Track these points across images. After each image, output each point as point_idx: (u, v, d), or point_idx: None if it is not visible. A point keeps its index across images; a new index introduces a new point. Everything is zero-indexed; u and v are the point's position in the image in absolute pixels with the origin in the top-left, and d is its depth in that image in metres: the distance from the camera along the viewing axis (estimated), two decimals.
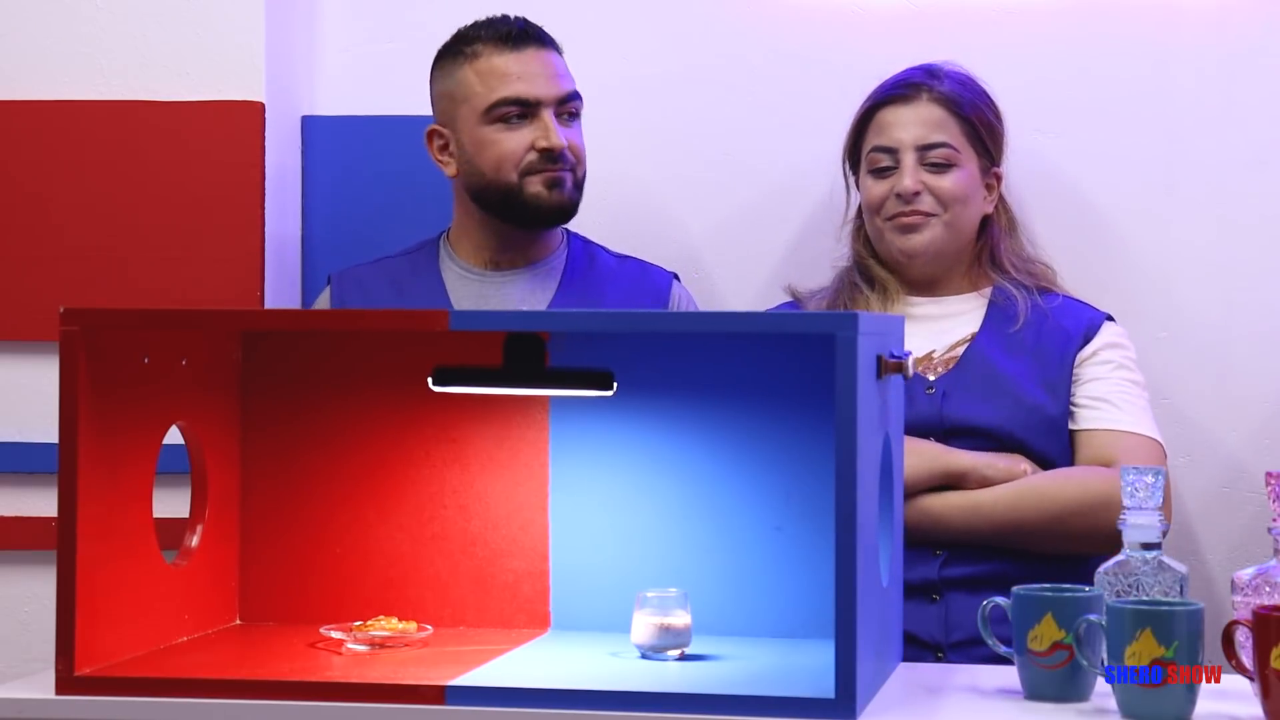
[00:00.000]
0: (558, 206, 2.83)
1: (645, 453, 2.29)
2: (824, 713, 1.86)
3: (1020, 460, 2.68)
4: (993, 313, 2.80)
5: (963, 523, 2.64)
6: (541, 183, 2.81)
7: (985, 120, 2.81)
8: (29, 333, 2.99)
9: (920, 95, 2.78)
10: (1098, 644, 1.97)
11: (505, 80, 2.81)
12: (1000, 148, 2.84)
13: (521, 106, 2.81)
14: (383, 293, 2.87)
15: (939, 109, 2.78)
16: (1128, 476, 2.06)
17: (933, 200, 2.77)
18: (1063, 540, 2.61)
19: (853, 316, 1.90)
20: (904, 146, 2.77)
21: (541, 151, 2.80)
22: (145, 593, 2.13)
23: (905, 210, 2.77)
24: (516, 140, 2.80)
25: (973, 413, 2.70)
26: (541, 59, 2.83)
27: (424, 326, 2.13)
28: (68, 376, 1.99)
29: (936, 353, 2.77)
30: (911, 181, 2.76)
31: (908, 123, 2.78)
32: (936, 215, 2.77)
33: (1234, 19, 3.05)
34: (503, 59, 2.81)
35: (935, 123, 2.78)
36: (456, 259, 2.90)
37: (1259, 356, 3.04)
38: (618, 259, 2.96)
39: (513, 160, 2.80)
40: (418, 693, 1.93)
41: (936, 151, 2.77)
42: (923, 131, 2.77)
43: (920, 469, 2.62)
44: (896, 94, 2.80)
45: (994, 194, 2.84)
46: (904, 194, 2.77)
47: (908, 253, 2.80)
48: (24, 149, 3.00)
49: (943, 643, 2.64)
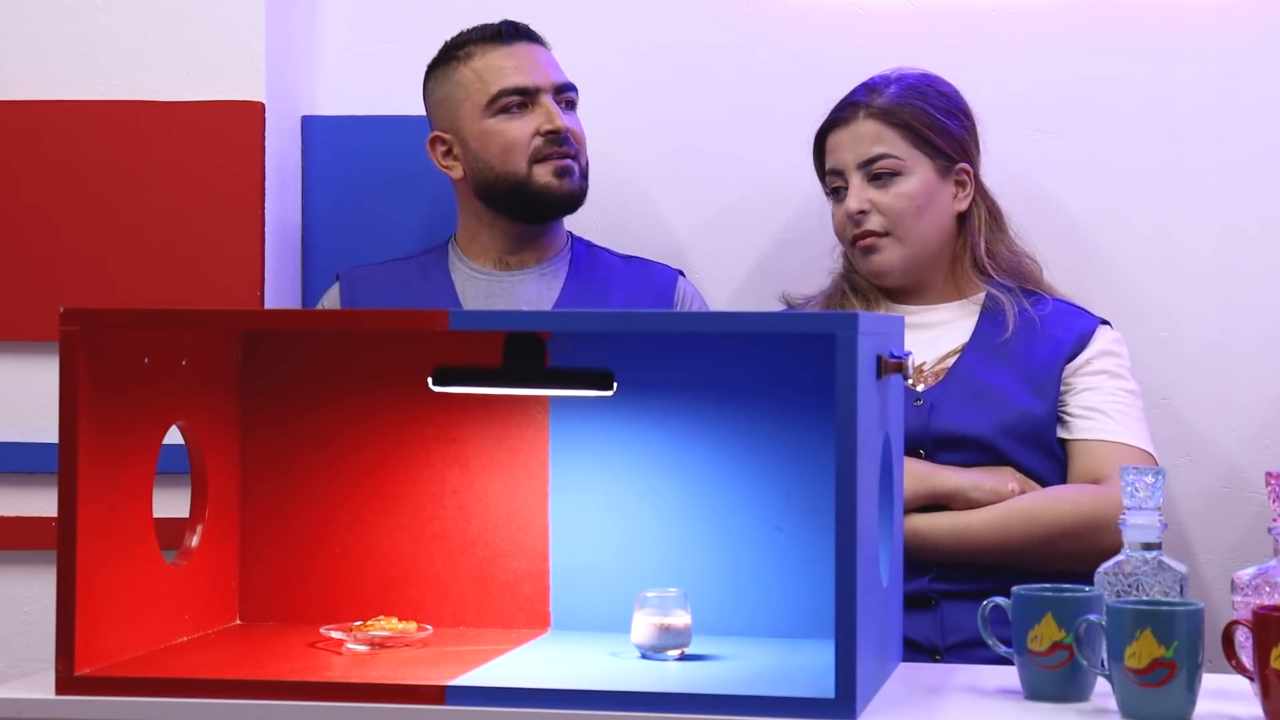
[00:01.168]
0: (568, 195, 2.86)
1: (645, 453, 2.29)
2: (824, 713, 1.86)
3: (1008, 478, 2.67)
4: (984, 322, 2.79)
5: (951, 545, 2.64)
6: (551, 171, 2.84)
7: (931, 121, 2.78)
8: (29, 333, 2.99)
9: (858, 114, 2.79)
10: (1098, 644, 1.97)
11: (502, 72, 2.84)
12: (962, 142, 2.80)
13: (522, 95, 2.84)
14: (393, 292, 2.88)
15: (874, 123, 2.77)
16: (1128, 476, 2.06)
17: (880, 217, 2.77)
18: (1051, 561, 2.59)
19: (853, 316, 1.90)
20: (847, 167, 2.79)
21: (546, 135, 2.83)
22: (145, 593, 2.13)
23: (859, 232, 2.79)
24: (520, 128, 2.83)
25: (960, 425, 2.70)
26: (532, 52, 2.88)
27: (424, 326, 2.13)
28: (68, 376, 1.99)
29: (926, 365, 2.76)
30: (856, 202, 2.78)
31: (847, 143, 2.79)
32: (888, 233, 2.77)
33: (1234, 19, 3.05)
34: (496, 54, 2.85)
35: (873, 137, 2.77)
36: (466, 260, 2.91)
37: (1258, 357, 3.04)
38: (622, 258, 2.97)
39: (520, 147, 2.83)
40: (418, 693, 1.92)
41: (878, 164, 2.77)
42: (861, 149, 2.78)
43: (906, 490, 2.61)
44: (837, 118, 2.82)
45: (967, 190, 2.81)
46: (850, 214, 2.78)
47: (872, 275, 2.81)
48: (24, 149, 3.00)
49: (939, 645, 2.64)
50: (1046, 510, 2.64)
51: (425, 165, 2.94)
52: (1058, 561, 2.57)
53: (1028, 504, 2.65)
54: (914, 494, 2.62)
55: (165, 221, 2.99)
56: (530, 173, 2.84)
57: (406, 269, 2.93)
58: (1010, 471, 2.69)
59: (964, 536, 2.63)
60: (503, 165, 2.84)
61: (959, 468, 2.68)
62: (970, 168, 2.81)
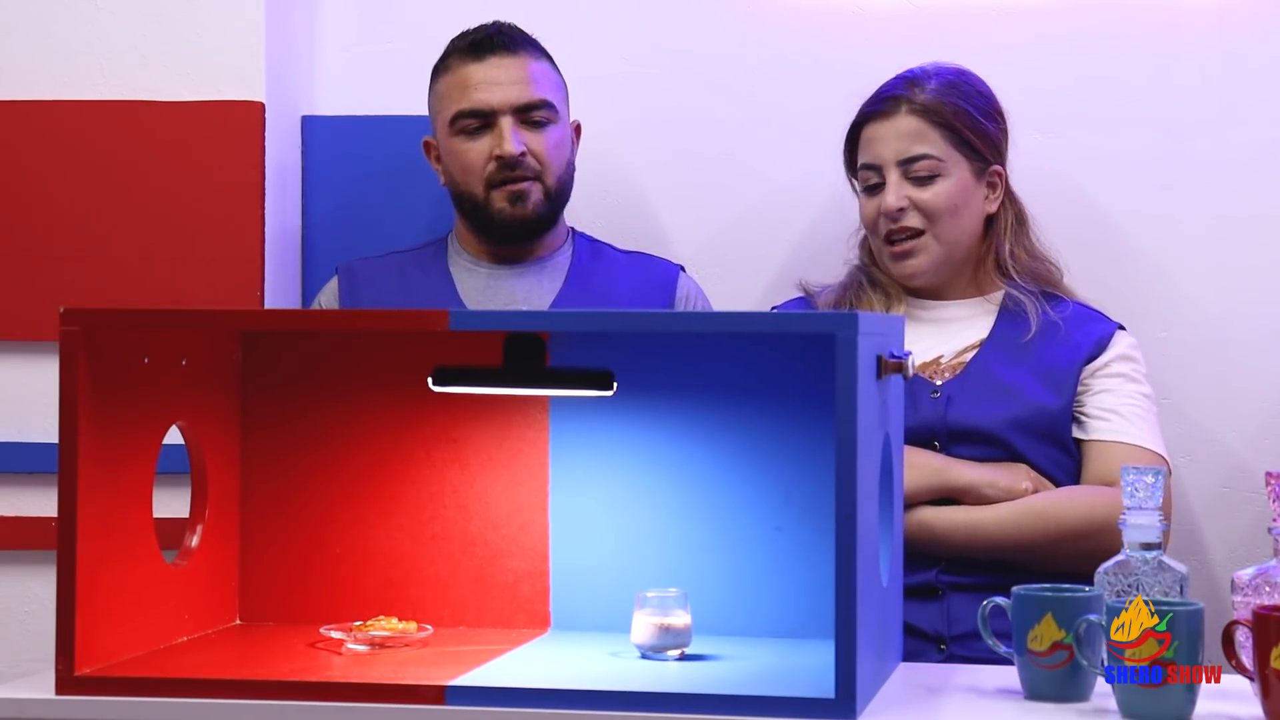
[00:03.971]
0: (521, 221, 2.83)
1: (645, 453, 2.29)
2: (824, 713, 1.86)
3: (1022, 476, 2.67)
4: (1002, 320, 2.79)
5: (963, 540, 2.64)
6: (504, 197, 2.82)
7: (971, 123, 2.77)
8: (29, 333, 2.99)
9: (899, 108, 2.76)
10: (1098, 644, 1.97)
11: (464, 91, 2.82)
12: (998, 145, 2.81)
13: (478, 118, 2.82)
14: (392, 285, 2.88)
15: (918, 120, 2.75)
16: (1128, 476, 2.06)
17: (919, 215, 2.76)
18: (1064, 560, 2.59)
19: (853, 316, 1.90)
20: (886, 163, 2.76)
21: (498, 160, 2.80)
22: (145, 593, 2.13)
23: (895, 229, 2.76)
24: (476, 151, 2.82)
25: (976, 419, 2.70)
26: (505, 66, 2.83)
27: (424, 326, 2.13)
28: (68, 376, 1.99)
29: (944, 358, 2.76)
30: (894, 199, 2.75)
31: (888, 138, 2.76)
32: (924, 232, 2.76)
33: (1234, 19, 3.05)
34: (466, 70, 2.83)
35: (915, 135, 2.75)
36: (464, 254, 2.91)
37: (1259, 356, 3.04)
38: (624, 253, 2.97)
39: (475, 170, 2.82)
40: (418, 693, 1.92)
41: (918, 164, 2.75)
42: (902, 145, 2.75)
43: (920, 484, 2.62)
44: (877, 110, 2.78)
45: (998, 192, 2.81)
46: (888, 212, 2.76)
47: (903, 278, 2.80)
48: (24, 149, 3.00)
49: (945, 635, 2.64)
50: (1060, 510, 2.64)
51: (425, 165, 2.94)
52: (1068, 561, 2.57)
53: (1041, 503, 2.65)
54: (928, 487, 2.63)
55: (165, 222, 2.99)
56: (487, 197, 2.83)
57: (405, 262, 2.93)
58: (1025, 469, 2.68)
59: (977, 532, 2.63)
60: (465, 185, 2.84)
61: (974, 462, 2.68)
62: (1002, 170, 2.82)
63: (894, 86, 2.79)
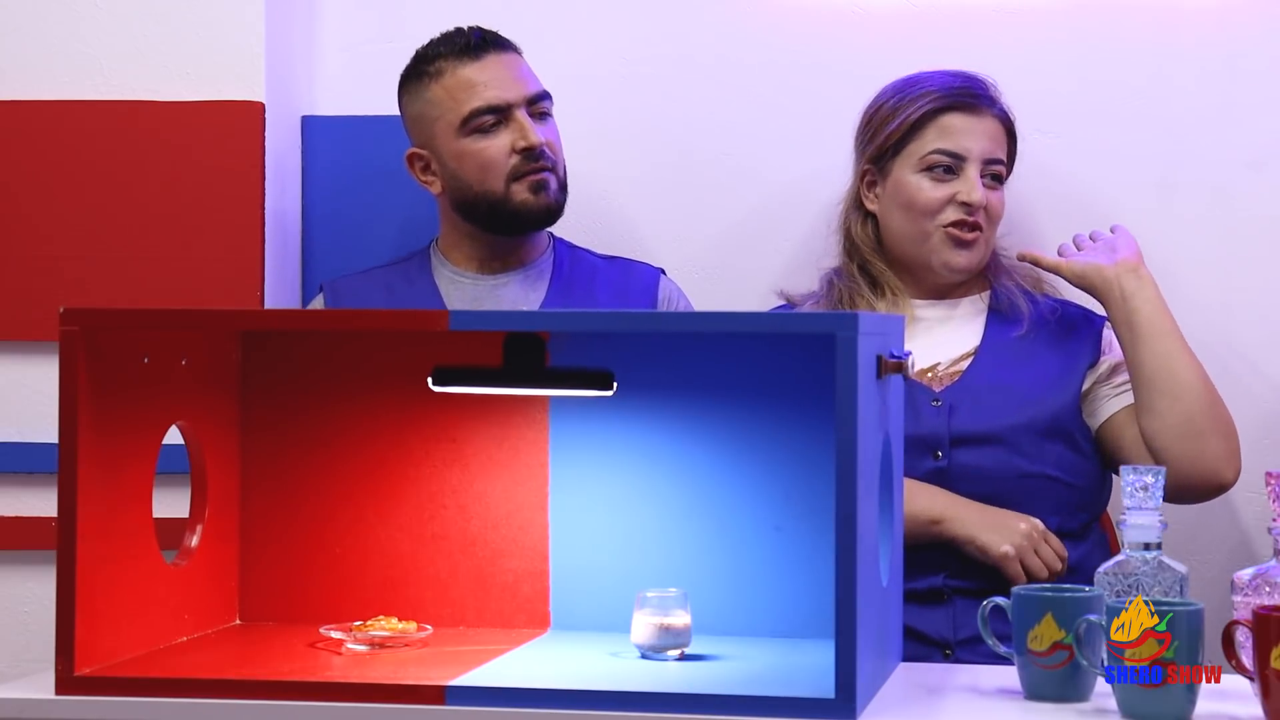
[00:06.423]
0: (544, 210, 2.84)
1: (645, 453, 2.29)
2: (824, 713, 1.86)
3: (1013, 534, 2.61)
4: (993, 320, 2.79)
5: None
6: (527, 188, 2.82)
7: (1015, 141, 2.83)
8: (29, 333, 2.98)
9: (989, 109, 2.78)
10: (1098, 644, 1.97)
11: (474, 90, 2.82)
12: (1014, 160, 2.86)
13: (495, 113, 2.82)
14: (378, 300, 2.88)
15: (999, 126, 2.79)
16: (1128, 477, 2.07)
17: (985, 216, 2.77)
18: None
19: (853, 316, 1.91)
20: (972, 157, 2.76)
21: (522, 152, 2.81)
22: (145, 593, 2.13)
23: (967, 220, 2.75)
24: (496, 146, 2.82)
25: (979, 423, 2.69)
26: (504, 63, 2.84)
27: (424, 326, 2.13)
28: (68, 376, 1.99)
29: (941, 366, 2.76)
30: (980, 194, 2.75)
31: (978, 134, 2.77)
32: (984, 231, 2.78)
33: (1234, 19, 3.05)
34: (467, 70, 2.82)
35: (998, 139, 2.78)
36: (449, 264, 2.91)
37: (1259, 357, 3.04)
38: (604, 258, 2.97)
39: (497, 166, 2.81)
40: (418, 693, 1.93)
41: (996, 167, 2.78)
42: (989, 145, 2.77)
43: (917, 531, 2.61)
44: (965, 101, 2.77)
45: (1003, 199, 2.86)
46: (972, 204, 2.75)
47: (954, 268, 2.78)
48: (24, 149, 3.00)
49: (951, 640, 2.64)
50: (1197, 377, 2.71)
51: None
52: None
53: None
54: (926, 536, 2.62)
55: (165, 221, 2.99)
56: (508, 190, 2.82)
57: (390, 275, 2.93)
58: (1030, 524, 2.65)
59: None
60: (480, 184, 2.83)
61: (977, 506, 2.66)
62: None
63: (975, 85, 2.79)
